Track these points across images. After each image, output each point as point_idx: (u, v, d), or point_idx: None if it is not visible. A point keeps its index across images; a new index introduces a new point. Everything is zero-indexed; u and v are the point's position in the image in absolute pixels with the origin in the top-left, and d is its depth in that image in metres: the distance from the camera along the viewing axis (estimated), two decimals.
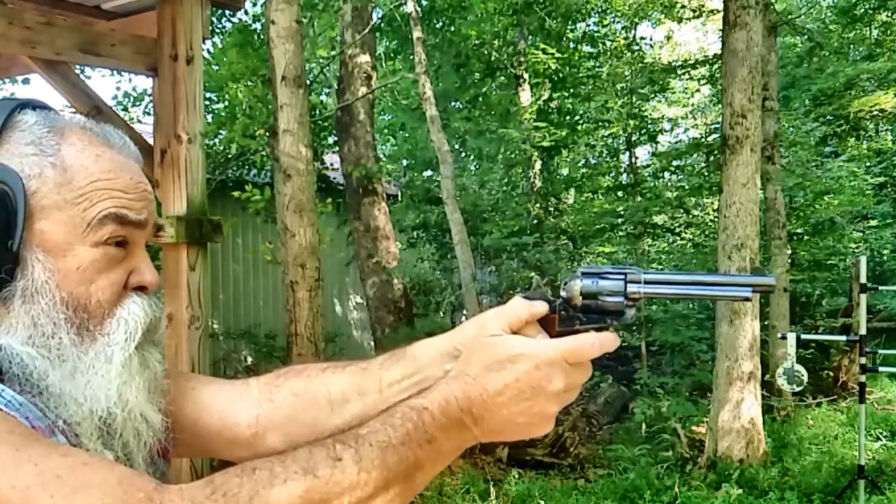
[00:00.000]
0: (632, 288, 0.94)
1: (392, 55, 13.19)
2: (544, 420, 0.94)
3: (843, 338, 8.13)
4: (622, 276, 0.94)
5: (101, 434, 0.93)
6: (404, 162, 15.13)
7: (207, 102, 10.35)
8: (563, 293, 0.96)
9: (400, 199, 12.15)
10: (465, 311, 11.07)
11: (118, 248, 0.96)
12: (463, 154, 13.87)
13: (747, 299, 0.95)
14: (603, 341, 0.94)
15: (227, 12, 10.29)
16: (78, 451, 0.86)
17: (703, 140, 13.81)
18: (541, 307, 0.98)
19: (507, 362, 0.91)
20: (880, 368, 7.38)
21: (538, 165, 13.29)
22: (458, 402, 0.90)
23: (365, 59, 9.95)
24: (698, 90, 15.86)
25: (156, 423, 0.99)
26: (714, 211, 11.33)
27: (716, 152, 10.89)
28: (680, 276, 0.96)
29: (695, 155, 14.19)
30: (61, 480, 0.77)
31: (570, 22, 13.35)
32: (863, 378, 5.83)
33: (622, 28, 14.67)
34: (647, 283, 0.94)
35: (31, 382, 0.89)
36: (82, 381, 0.92)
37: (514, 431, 0.94)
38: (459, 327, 1.07)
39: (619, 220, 12.77)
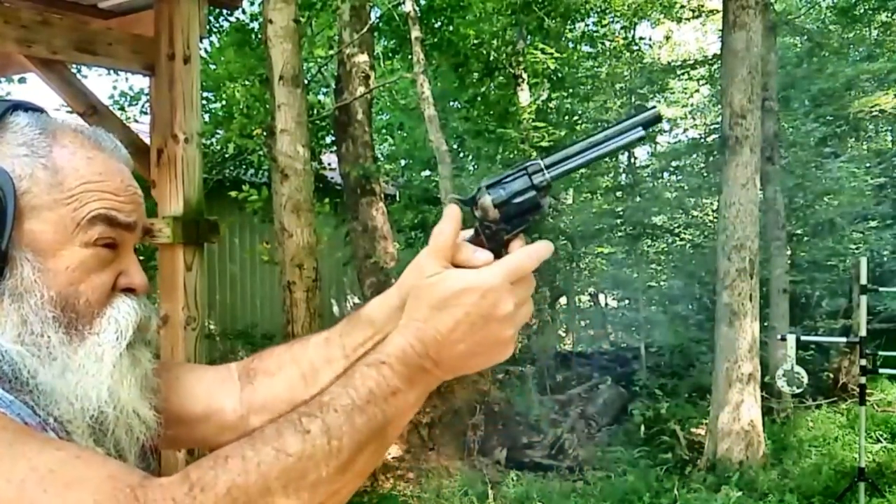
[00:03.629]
0: (537, 178, 0.94)
1: (390, 55, 13.13)
2: (502, 344, 0.92)
3: (843, 339, 8.10)
4: (524, 172, 0.95)
5: (93, 432, 0.94)
6: (402, 162, 15.09)
7: (204, 102, 10.32)
8: (477, 213, 0.95)
9: (398, 199, 12.11)
10: None
11: (107, 250, 0.97)
12: (461, 154, 13.83)
13: (642, 139, 0.96)
14: (539, 251, 0.93)
15: (225, 11, 10.26)
16: (71, 444, 0.87)
17: (702, 140, 13.80)
18: (465, 233, 0.97)
19: (452, 299, 0.90)
20: (880, 370, 7.33)
21: None
22: (414, 348, 0.89)
23: (363, 58, 9.91)
24: (698, 90, 15.85)
25: (148, 419, 1.01)
26: (713, 211, 11.31)
27: (715, 152, 10.87)
28: (575, 146, 0.96)
29: (694, 155, 14.18)
30: (55, 475, 0.77)
31: (569, 22, 13.31)
32: (863, 380, 5.81)
33: (621, 28, 14.64)
34: (548, 167, 0.95)
35: (21, 381, 0.90)
36: (73, 379, 0.92)
37: (476, 363, 0.93)
38: (401, 278, 1.07)
39: (618, 221, 12.75)
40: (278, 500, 0.79)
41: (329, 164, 10.76)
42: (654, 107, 1.01)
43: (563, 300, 14.29)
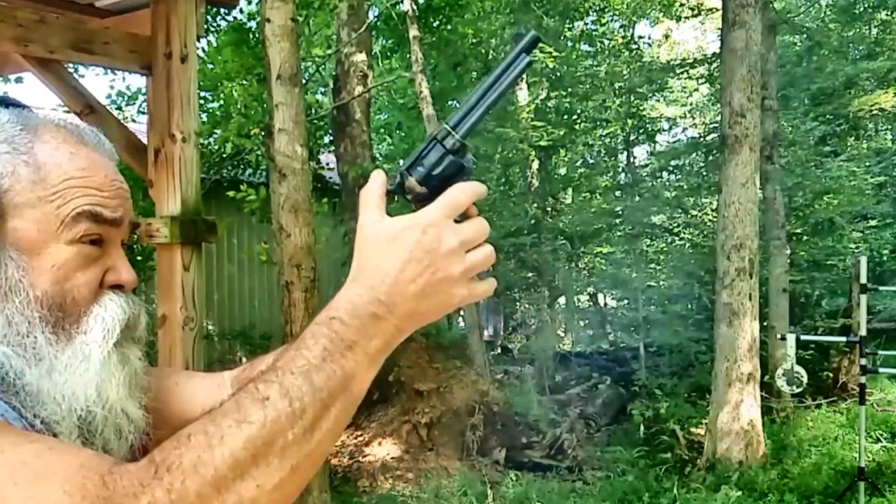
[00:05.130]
0: (449, 143, 0.96)
1: (388, 54, 13.13)
2: (453, 283, 0.90)
3: (843, 339, 8.09)
4: (435, 141, 0.96)
5: (81, 432, 0.93)
6: (401, 162, 15.09)
7: (202, 101, 10.28)
8: (409, 197, 0.97)
9: (396, 199, 12.09)
10: (461, 312, 11.03)
11: (93, 247, 0.96)
12: None
13: (530, 64, 0.98)
14: (472, 186, 0.93)
15: (222, 10, 10.23)
16: (46, 437, 0.86)
17: (701, 139, 13.79)
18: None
19: (394, 240, 0.89)
20: (880, 370, 7.34)
21: (536, 165, 13.24)
22: (363, 298, 0.87)
23: (361, 57, 9.90)
24: (697, 89, 15.84)
25: (137, 418, 0.99)
26: (713, 211, 11.30)
27: (714, 152, 10.86)
28: (472, 98, 0.98)
29: (693, 154, 14.16)
30: (27, 467, 0.76)
31: (567, 20, 13.31)
32: (863, 379, 5.80)
33: (620, 27, 14.65)
34: (454, 128, 0.96)
35: (7, 382, 0.89)
36: (60, 379, 0.91)
37: (432, 306, 0.90)
38: None
39: (618, 220, 12.75)
40: (248, 469, 0.77)
41: (327, 164, 10.76)
42: (530, 31, 1.02)
43: (562, 300, 14.27)
